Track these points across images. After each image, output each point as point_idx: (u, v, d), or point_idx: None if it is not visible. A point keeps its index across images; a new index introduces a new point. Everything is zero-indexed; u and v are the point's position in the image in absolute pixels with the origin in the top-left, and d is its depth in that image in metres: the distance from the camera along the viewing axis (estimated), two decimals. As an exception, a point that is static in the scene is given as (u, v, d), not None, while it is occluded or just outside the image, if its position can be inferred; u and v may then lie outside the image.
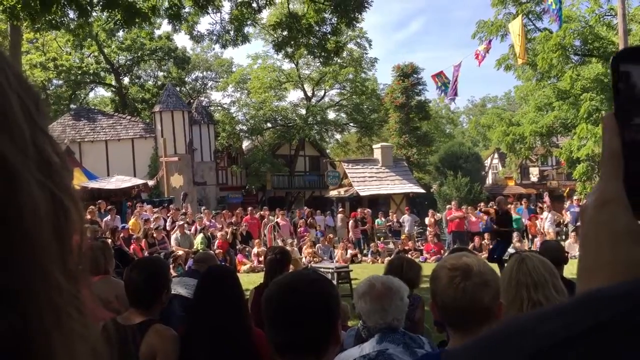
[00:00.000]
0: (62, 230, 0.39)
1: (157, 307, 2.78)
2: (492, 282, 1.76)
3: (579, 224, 16.72)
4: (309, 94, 37.93)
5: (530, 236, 19.01)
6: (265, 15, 20.44)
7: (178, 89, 34.35)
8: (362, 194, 24.72)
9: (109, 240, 10.64)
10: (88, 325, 0.41)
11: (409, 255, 17.82)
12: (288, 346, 1.61)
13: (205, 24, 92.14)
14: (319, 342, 1.62)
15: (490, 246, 18.11)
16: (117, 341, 2.59)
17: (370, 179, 25.66)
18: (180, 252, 14.17)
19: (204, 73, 43.92)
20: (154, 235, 14.26)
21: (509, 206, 14.27)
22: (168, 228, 15.75)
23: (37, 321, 0.36)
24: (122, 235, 13.43)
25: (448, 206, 19.97)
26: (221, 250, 15.04)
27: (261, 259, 15.50)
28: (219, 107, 39.79)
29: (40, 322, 0.37)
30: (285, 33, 13.43)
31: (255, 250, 16.41)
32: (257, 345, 2.61)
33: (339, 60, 28.43)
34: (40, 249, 0.37)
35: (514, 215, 17.52)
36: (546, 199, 21.08)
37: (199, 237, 15.23)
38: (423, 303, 3.97)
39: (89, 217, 13.77)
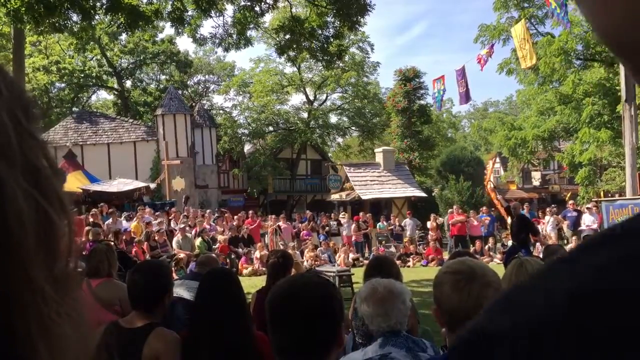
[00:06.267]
0: (48, 237, 0.40)
1: (159, 310, 2.77)
2: (496, 284, 1.77)
3: (581, 228, 16.75)
4: (311, 97, 38.00)
5: (532, 240, 18.94)
6: (268, 19, 20.47)
7: (180, 92, 34.42)
8: (363, 197, 24.71)
9: (112, 243, 10.64)
10: (76, 332, 0.41)
11: (411, 260, 17.89)
12: (291, 350, 1.60)
13: (208, 27, 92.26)
14: (323, 346, 1.62)
15: (490, 251, 18.12)
16: (119, 344, 2.60)
17: (372, 183, 25.67)
18: (182, 255, 14.18)
19: (206, 76, 44.03)
20: (156, 238, 14.28)
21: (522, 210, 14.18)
22: (175, 229, 15.75)
23: (22, 326, 0.37)
24: (124, 237, 13.45)
25: (450, 210, 19.96)
26: (222, 254, 15.04)
27: (257, 260, 15.58)
28: (221, 111, 39.89)
29: (25, 327, 0.37)
30: (287, 36, 13.47)
31: (257, 253, 16.39)
32: (258, 348, 2.61)
33: (341, 64, 28.45)
34: (25, 257, 0.37)
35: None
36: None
37: (198, 240, 15.25)
38: (415, 309, 3.97)
39: (91, 219, 13.80)
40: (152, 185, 22.37)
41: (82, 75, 36.36)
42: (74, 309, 0.41)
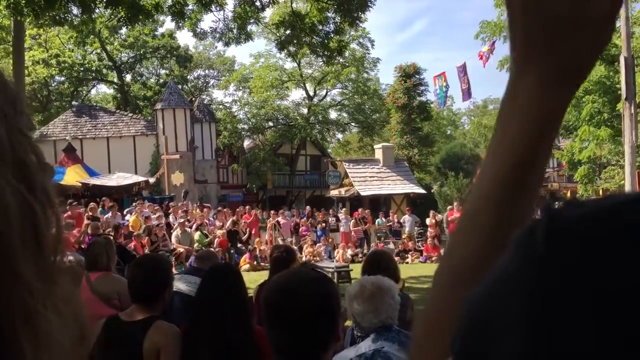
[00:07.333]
0: (35, 231, 0.40)
1: (159, 303, 2.79)
2: None
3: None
4: (311, 93, 37.96)
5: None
6: (269, 13, 20.43)
7: (180, 86, 34.39)
8: (362, 193, 24.73)
9: (111, 237, 10.64)
10: (60, 325, 0.41)
11: (409, 256, 17.91)
12: (288, 347, 1.59)
13: (208, 21, 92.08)
14: (321, 342, 1.60)
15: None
16: (119, 338, 2.61)
17: (371, 179, 25.67)
18: (181, 250, 14.19)
19: (206, 71, 43.99)
20: (156, 232, 14.29)
21: None
22: (173, 223, 15.76)
23: (7, 319, 0.37)
24: (122, 232, 13.44)
25: (449, 207, 19.98)
26: (221, 248, 15.05)
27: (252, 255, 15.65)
28: (221, 106, 39.86)
29: (10, 320, 0.37)
30: (288, 32, 13.45)
31: (257, 248, 16.41)
32: (259, 344, 2.61)
33: (341, 60, 28.42)
34: (11, 251, 0.38)
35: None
36: None
37: (197, 234, 15.28)
38: (412, 302, 4.00)
39: (90, 214, 13.80)
40: (152, 180, 22.36)
41: (82, 68, 36.30)
42: (61, 301, 0.41)
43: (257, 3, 12.81)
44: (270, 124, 36.33)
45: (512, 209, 0.55)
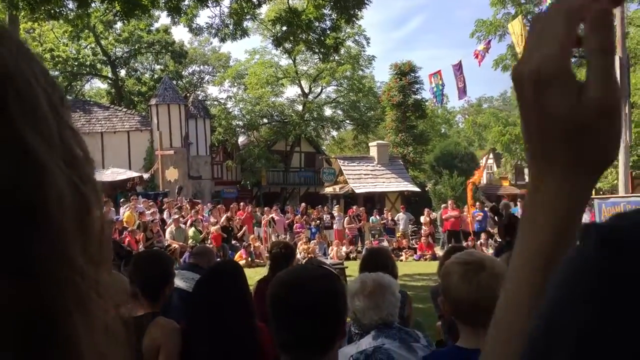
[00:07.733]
0: (85, 219, 0.42)
1: (160, 300, 2.79)
2: (504, 275, 1.79)
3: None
4: (306, 90, 37.91)
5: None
6: (265, 10, 20.38)
7: (175, 82, 34.26)
8: (357, 191, 24.75)
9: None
10: (108, 309, 0.43)
11: (403, 254, 17.95)
12: (294, 343, 1.58)
13: (204, 17, 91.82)
14: (327, 338, 1.60)
15: (482, 247, 18.20)
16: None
17: (366, 177, 25.70)
18: (175, 246, 14.16)
19: (201, 67, 43.84)
20: (151, 228, 14.26)
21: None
22: (167, 219, 15.73)
23: (60, 302, 0.39)
24: (116, 227, 13.41)
25: (444, 205, 20.03)
26: (215, 244, 15.03)
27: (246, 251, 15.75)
28: (216, 102, 39.75)
29: (63, 303, 0.39)
30: (284, 28, 13.43)
31: (251, 245, 16.40)
32: (259, 341, 2.61)
33: (336, 57, 28.40)
34: (64, 237, 0.40)
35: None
36: None
37: (191, 230, 15.25)
38: (410, 300, 4.02)
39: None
40: (146, 176, 22.30)
41: (76, 63, 36.08)
42: (107, 288, 0.44)
43: (254, -1, 12.79)
44: (265, 120, 36.27)
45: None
